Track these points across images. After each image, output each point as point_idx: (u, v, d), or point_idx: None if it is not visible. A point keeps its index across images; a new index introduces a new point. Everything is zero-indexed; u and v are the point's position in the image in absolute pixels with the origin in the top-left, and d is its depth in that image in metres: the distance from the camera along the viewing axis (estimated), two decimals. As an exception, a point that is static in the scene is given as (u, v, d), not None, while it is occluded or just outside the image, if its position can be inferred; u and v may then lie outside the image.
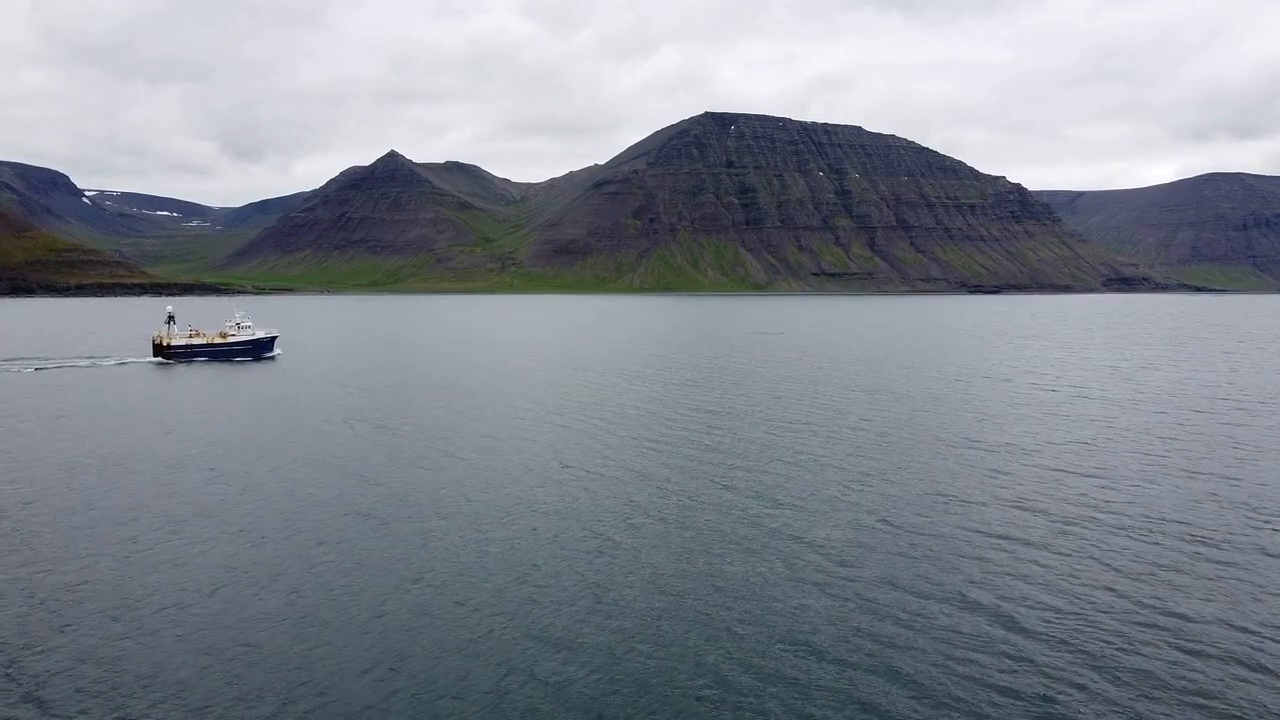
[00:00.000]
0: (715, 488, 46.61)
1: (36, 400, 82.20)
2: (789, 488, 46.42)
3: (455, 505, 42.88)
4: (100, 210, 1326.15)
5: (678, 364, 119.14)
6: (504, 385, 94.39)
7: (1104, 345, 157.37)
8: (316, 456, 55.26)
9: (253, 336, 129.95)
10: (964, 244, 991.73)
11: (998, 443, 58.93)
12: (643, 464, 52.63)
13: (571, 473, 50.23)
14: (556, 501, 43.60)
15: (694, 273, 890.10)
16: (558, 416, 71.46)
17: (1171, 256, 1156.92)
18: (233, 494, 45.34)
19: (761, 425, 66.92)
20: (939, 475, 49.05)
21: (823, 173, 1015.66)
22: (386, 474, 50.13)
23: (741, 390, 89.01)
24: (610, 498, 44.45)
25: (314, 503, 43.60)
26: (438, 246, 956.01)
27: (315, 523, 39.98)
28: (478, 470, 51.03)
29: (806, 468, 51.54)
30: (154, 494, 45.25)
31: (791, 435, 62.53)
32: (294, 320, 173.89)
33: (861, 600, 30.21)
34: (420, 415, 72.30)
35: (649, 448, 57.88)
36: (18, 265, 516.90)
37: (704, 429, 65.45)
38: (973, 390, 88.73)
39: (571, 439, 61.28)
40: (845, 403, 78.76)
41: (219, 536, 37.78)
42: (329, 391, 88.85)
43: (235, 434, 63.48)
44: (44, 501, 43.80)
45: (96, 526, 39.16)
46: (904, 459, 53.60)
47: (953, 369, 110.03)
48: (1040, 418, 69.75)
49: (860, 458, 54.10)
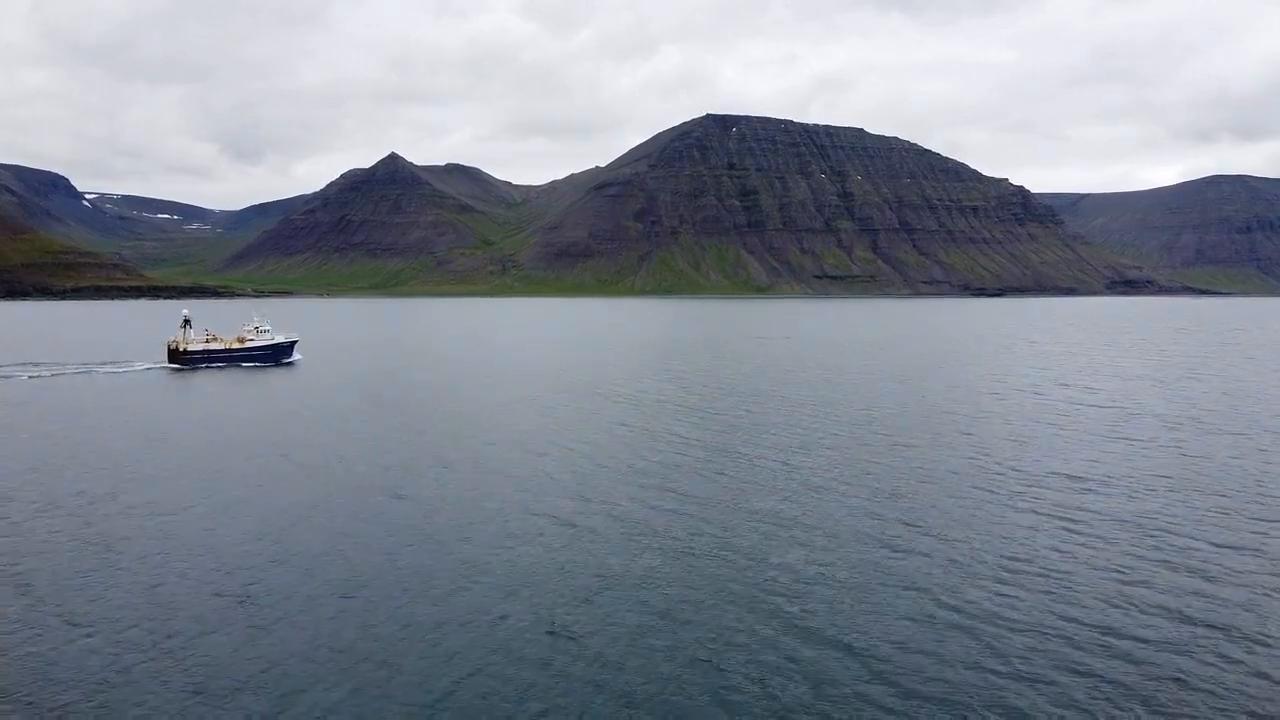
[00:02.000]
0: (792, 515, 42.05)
1: (49, 411, 77.67)
2: (833, 523, 41.97)
3: (522, 529, 39.93)
4: (100, 213, 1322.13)
5: (712, 384, 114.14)
6: (533, 396, 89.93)
7: (1132, 352, 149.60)
8: (356, 478, 51.36)
9: (272, 341, 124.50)
10: (967, 246, 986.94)
11: (1060, 475, 51.17)
12: (677, 476, 49.43)
13: (632, 502, 46.11)
14: (616, 529, 40.71)
15: (696, 275, 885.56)
16: (601, 436, 67.29)
17: (1175, 259, 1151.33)
18: (269, 518, 41.86)
19: (803, 452, 62.16)
20: (1007, 529, 40.06)
21: (825, 175, 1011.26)
22: (434, 496, 46.66)
23: (769, 409, 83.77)
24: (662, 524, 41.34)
25: (360, 529, 40.49)
26: (438, 249, 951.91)
27: (363, 550, 36.50)
28: (527, 487, 48.36)
29: (850, 501, 46.77)
30: (180, 519, 41.49)
31: (830, 460, 57.70)
32: (304, 323, 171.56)
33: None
34: (453, 430, 68.20)
35: (674, 462, 54.55)
36: (13, 268, 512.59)
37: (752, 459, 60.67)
38: (1011, 405, 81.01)
39: (624, 460, 57.16)
40: (880, 423, 71.19)
41: (254, 566, 35.15)
42: (356, 402, 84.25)
43: (264, 450, 59.51)
44: (58, 521, 41.45)
45: (125, 551, 36.30)
46: (959, 504, 44.45)
47: (983, 381, 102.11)
48: (1100, 442, 61.92)
49: (906, 503, 44.75)
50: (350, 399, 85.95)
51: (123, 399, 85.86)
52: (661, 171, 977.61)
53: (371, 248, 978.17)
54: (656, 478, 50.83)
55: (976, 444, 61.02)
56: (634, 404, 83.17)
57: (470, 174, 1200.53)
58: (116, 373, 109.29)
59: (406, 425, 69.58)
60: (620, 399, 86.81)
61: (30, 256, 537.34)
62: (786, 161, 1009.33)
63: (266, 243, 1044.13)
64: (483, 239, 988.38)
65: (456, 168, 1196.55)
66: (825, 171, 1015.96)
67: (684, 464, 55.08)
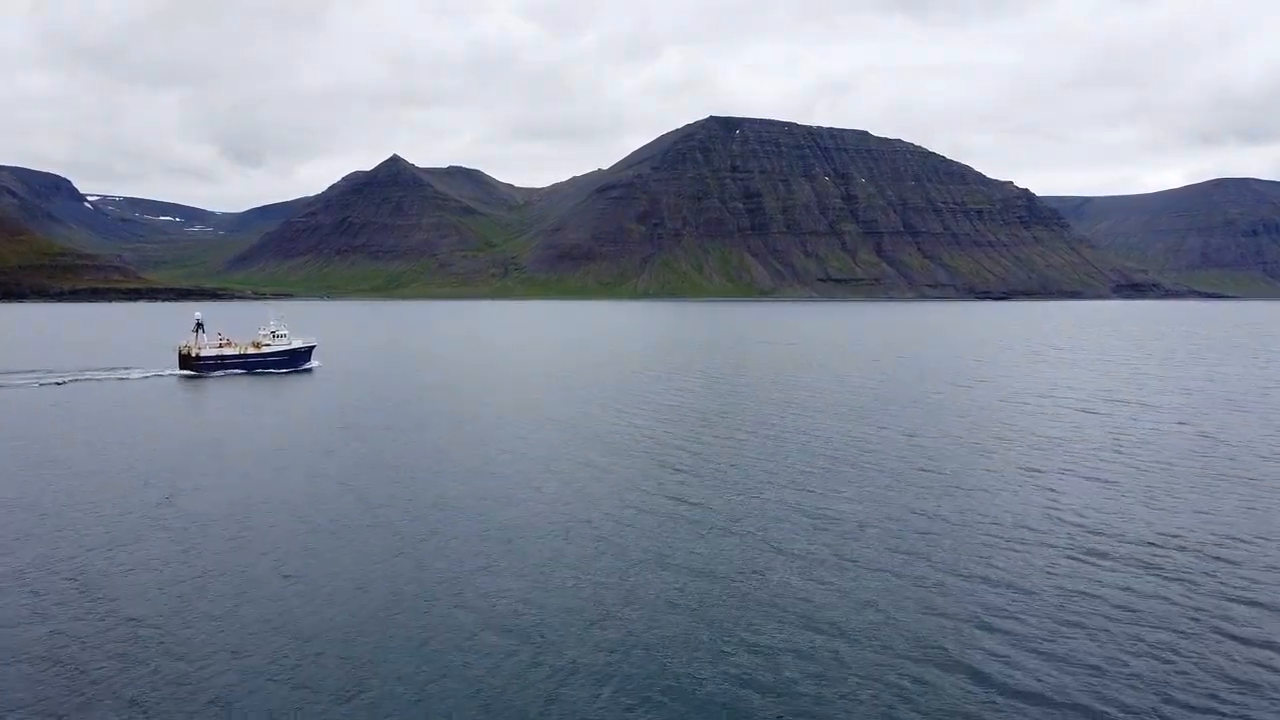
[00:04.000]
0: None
1: (52, 421, 72.64)
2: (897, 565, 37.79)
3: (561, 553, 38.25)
4: (102, 215, 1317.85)
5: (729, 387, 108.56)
6: (563, 402, 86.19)
7: (1170, 359, 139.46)
8: (389, 497, 47.54)
9: (289, 346, 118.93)
10: (972, 250, 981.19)
11: (1173, 537, 39.98)
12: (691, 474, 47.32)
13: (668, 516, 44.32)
14: (650, 545, 39.72)
15: (699, 278, 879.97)
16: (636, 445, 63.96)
17: (1181, 263, 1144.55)
18: (295, 552, 38.41)
19: (835, 468, 58.23)
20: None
21: (829, 178, 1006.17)
22: (473, 519, 43.68)
23: (818, 422, 77.92)
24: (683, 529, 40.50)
25: (412, 552, 38.18)
26: (440, 251, 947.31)
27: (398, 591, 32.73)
28: (571, 501, 46.43)
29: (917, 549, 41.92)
30: (197, 554, 38.05)
31: (871, 489, 53.16)
32: (313, 326, 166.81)
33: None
34: (486, 442, 64.48)
35: (690, 463, 53.06)
36: (10, 269, 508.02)
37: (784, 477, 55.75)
38: (1069, 428, 70.14)
39: (655, 474, 54.24)
40: (927, 451, 61.62)
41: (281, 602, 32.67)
42: (380, 413, 79.06)
43: (292, 468, 55.03)
44: (60, 546, 39.14)
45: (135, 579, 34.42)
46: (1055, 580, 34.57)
47: (1028, 398, 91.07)
48: (1196, 484, 50.52)
49: (978, 559, 36.87)
50: (377, 411, 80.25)
51: (132, 411, 79.86)
52: (664, 174, 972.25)
53: (373, 250, 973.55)
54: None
55: (1048, 491, 48.95)
56: (664, 416, 79.48)
57: (472, 176, 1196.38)
58: (126, 379, 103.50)
59: (446, 442, 64.84)
60: (646, 409, 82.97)
61: (27, 258, 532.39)
62: (790, 164, 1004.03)
63: (268, 245, 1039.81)
64: (485, 241, 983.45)
65: (458, 170, 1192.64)
66: (829, 174, 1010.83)
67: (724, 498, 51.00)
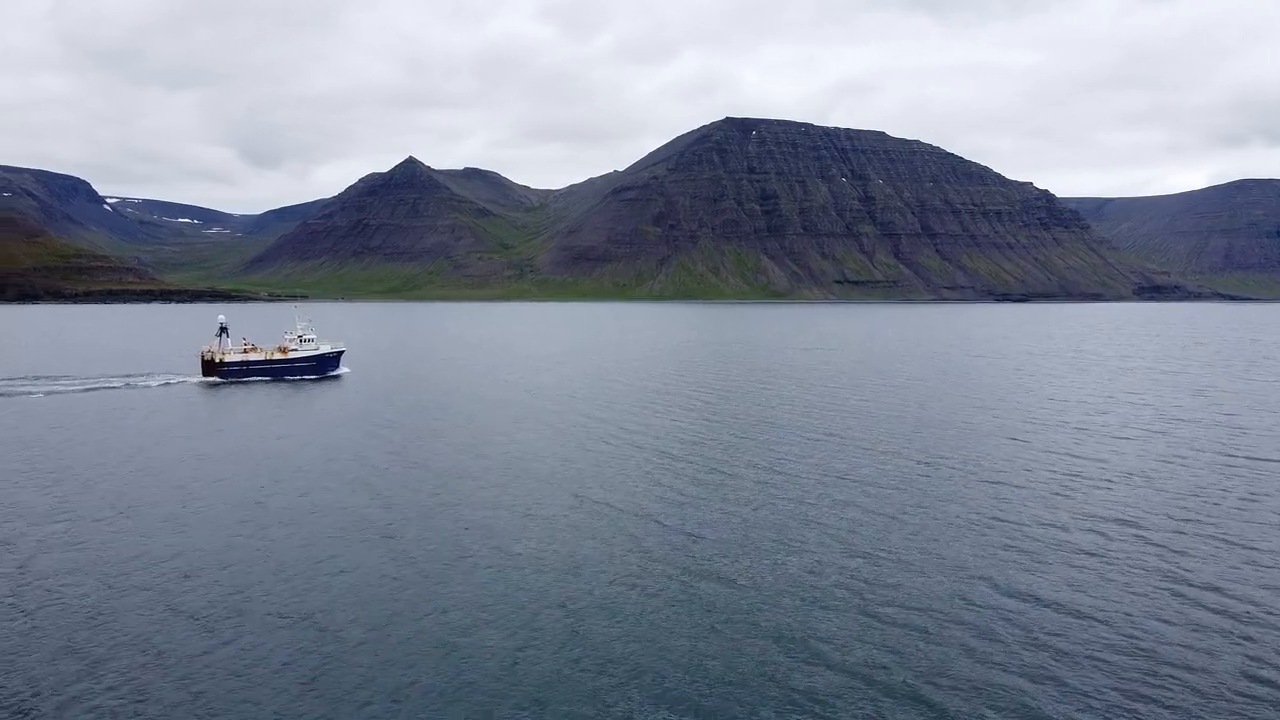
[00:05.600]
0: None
1: (63, 432, 68.43)
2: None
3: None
4: (121, 217, 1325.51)
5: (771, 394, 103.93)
6: (594, 409, 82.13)
7: (1231, 368, 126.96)
8: (438, 526, 43.44)
9: (317, 351, 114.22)
10: (990, 251, 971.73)
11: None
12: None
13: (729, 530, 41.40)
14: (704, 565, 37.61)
15: (715, 280, 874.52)
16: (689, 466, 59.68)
17: (1203, 264, 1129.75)
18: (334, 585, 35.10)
19: (899, 493, 53.69)
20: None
21: (846, 179, 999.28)
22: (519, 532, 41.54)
23: (882, 440, 72.37)
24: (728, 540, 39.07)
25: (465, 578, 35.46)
26: (455, 253, 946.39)
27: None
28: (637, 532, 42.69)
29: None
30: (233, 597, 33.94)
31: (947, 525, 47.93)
32: (336, 330, 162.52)
33: None
34: (527, 456, 60.49)
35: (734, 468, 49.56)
36: (25, 271, 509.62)
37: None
38: (1146, 459, 58.97)
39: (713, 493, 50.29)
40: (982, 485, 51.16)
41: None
42: (418, 423, 74.33)
43: (324, 491, 50.12)
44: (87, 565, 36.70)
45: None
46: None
47: (1085, 418, 76.70)
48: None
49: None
50: (414, 422, 75.17)
51: (154, 421, 74.97)
52: (680, 175, 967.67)
53: (389, 252, 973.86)
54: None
55: (1168, 555, 38.39)
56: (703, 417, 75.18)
57: (488, 178, 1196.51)
58: (148, 387, 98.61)
59: (494, 458, 60.24)
60: (679, 408, 79.39)
61: (42, 260, 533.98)
62: (807, 165, 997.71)
63: (284, 247, 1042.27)
64: (500, 243, 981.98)
65: (474, 172, 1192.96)
66: (846, 175, 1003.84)
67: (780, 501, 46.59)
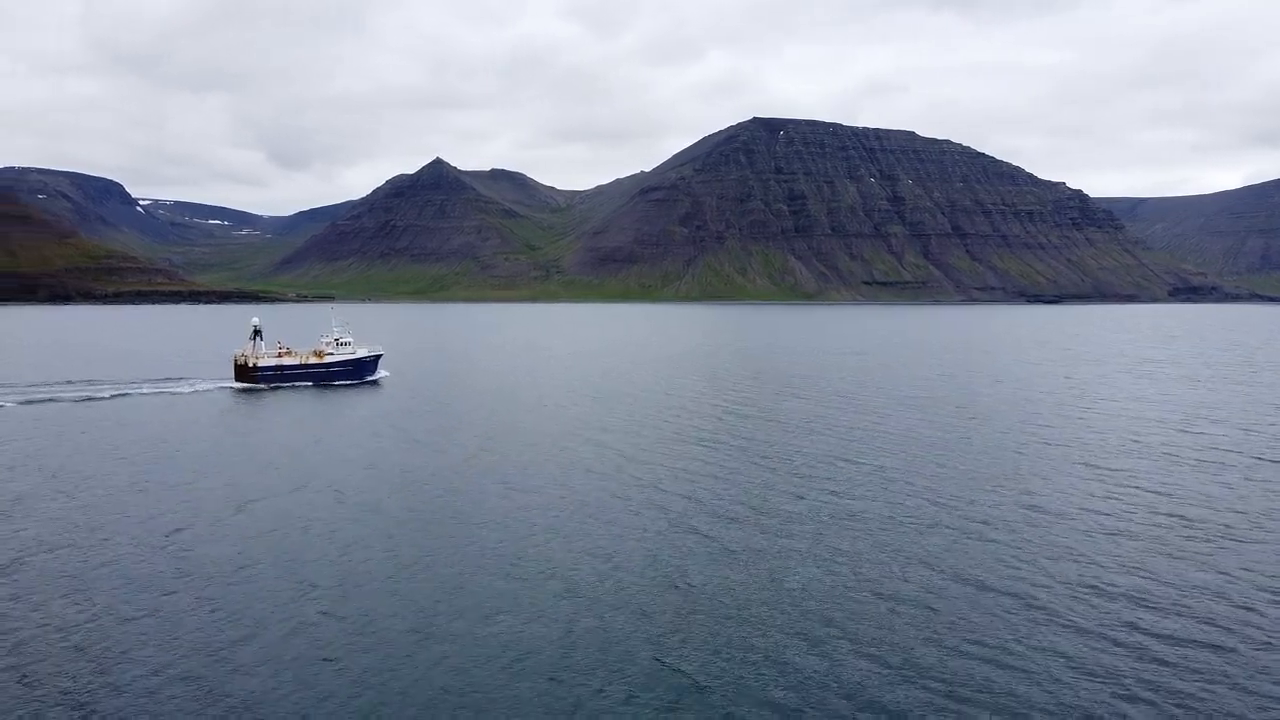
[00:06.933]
0: None
1: (88, 443, 65.30)
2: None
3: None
4: (153, 219, 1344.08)
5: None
6: (651, 419, 78.34)
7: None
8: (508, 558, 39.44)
9: (354, 355, 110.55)
10: (1022, 252, 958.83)
11: None
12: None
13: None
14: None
15: (742, 281, 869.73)
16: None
17: (1240, 265, 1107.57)
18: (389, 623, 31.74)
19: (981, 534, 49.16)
20: None
21: (874, 179, 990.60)
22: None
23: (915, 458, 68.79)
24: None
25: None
26: (482, 254, 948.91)
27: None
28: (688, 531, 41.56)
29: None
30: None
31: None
32: (367, 332, 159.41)
33: None
34: (601, 479, 56.19)
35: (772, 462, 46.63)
36: (57, 272, 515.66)
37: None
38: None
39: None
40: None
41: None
42: (466, 434, 70.36)
43: (374, 513, 46.47)
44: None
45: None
46: None
47: (1186, 445, 65.24)
48: None
49: None
50: (461, 432, 70.90)
51: (187, 432, 71.16)
52: (707, 176, 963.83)
53: (415, 253, 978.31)
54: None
55: None
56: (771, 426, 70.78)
57: (514, 179, 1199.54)
58: (177, 394, 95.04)
59: (551, 474, 56.47)
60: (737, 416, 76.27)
61: (74, 261, 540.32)
62: (835, 165, 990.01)
63: (312, 248, 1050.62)
64: (526, 244, 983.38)
65: (501, 173, 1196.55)
66: (875, 175, 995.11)
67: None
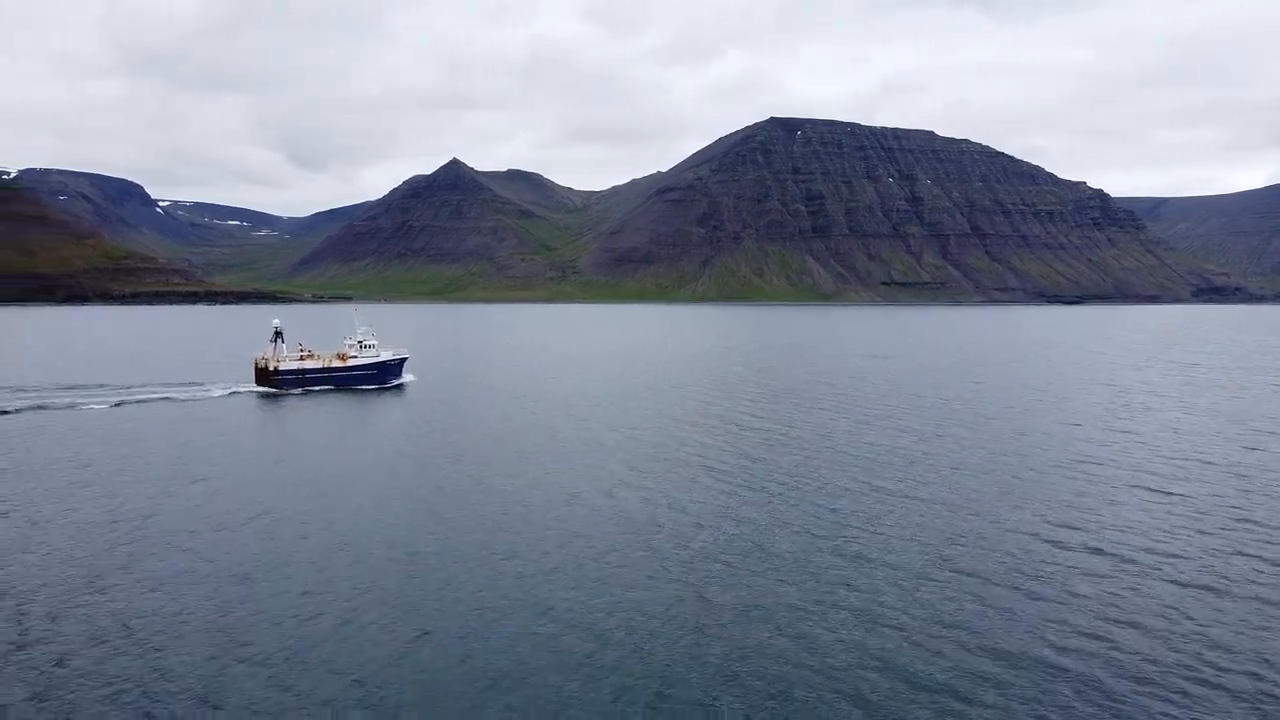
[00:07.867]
0: None
1: (101, 452, 63.25)
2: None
3: None
4: (173, 220, 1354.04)
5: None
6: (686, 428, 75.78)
7: None
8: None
9: (377, 359, 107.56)
10: (1042, 252, 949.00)
11: None
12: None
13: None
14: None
15: (759, 282, 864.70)
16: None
17: (1265, 265, 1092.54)
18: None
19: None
20: None
21: (892, 179, 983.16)
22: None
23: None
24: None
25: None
26: (498, 254, 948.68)
27: None
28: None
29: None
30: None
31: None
32: (386, 333, 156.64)
33: None
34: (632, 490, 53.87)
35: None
36: (75, 273, 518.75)
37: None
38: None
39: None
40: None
41: None
42: (496, 443, 67.67)
43: (405, 538, 43.57)
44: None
45: None
46: None
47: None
48: None
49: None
50: (489, 440, 68.39)
51: (208, 439, 68.79)
52: (724, 176, 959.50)
53: (432, 253, 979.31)
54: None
55: None
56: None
57: (531, 179, 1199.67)
58: (196, 400, 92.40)
59: (585, 482, 54.63)
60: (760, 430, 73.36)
61: (92, 261, 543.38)
62: (853, 165, 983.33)
63: (329, 249, 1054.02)
64: (542, 244, 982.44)
65: (517, 173, 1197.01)
66: (893, 175, 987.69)
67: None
